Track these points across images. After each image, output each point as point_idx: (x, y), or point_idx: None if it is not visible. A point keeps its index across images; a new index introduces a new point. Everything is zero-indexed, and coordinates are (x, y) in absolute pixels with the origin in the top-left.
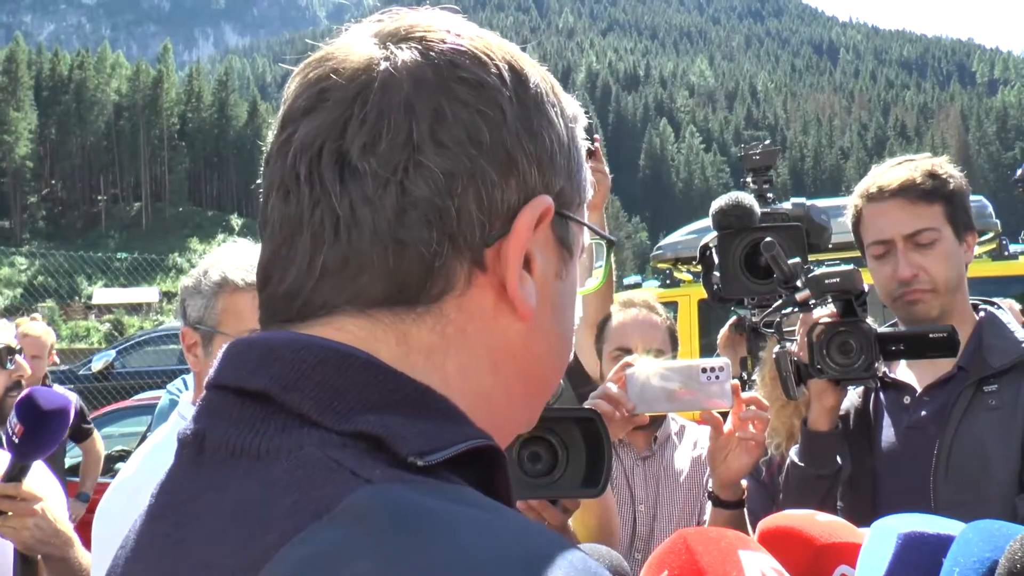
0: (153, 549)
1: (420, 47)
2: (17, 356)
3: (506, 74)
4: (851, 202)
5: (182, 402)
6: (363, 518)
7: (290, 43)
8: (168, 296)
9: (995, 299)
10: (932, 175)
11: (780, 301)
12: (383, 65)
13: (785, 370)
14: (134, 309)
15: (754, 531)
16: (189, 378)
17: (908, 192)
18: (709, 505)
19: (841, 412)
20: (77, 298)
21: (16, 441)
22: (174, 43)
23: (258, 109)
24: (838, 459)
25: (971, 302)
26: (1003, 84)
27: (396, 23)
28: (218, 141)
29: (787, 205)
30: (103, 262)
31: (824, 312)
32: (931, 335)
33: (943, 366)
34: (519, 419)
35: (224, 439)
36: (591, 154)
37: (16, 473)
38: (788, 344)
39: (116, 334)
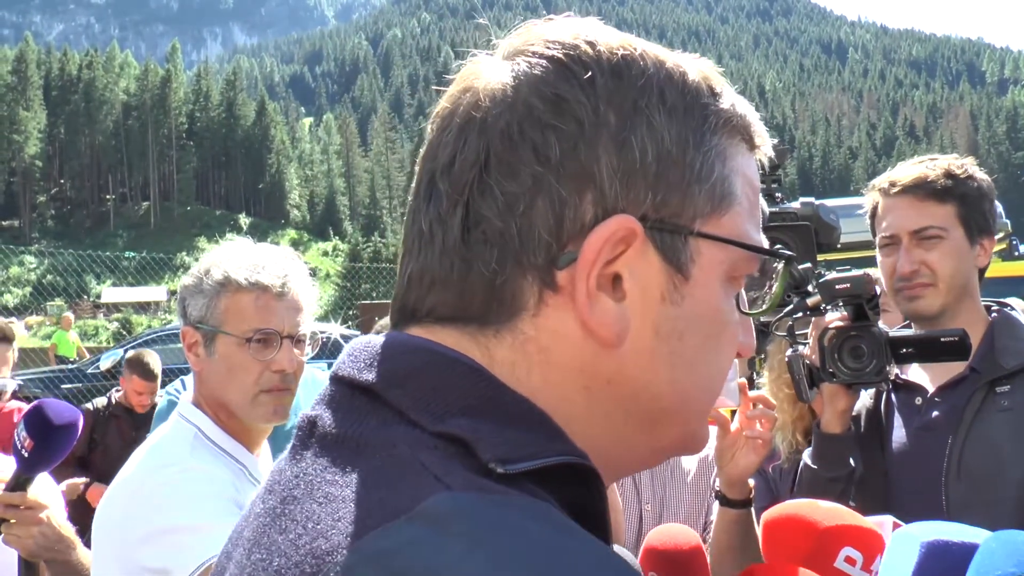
0: (261, 520)
1: (520, 62)
2: None
3: (599, 82)
4: (869, 195)
5: (181, 402)
6: (436, 521)
7: (298, 43)
8: (175, 295)
9: (1008, 299)
10: (949, 174)
11: (791, 306)
12: (475, 84)
13: (798, 373)
14: (142, 308)
15: (759, 523)
16: (188, 379)
17: (919, 189)
18: (716, 505)
19: (852, 413)
20: (86, 297)
21: (25, 455)
22: (182, 43)
23: (266, 109)
24: (851, 461)
25: (984, 303)
26: (1013, 83)
27: (522, 37)
28: (226, 140)
29: (796, 205)
30: (111, 261)
31: (835, 316)
32: (943, 339)
33: (955, 367)
34: (629, 450)
35: (331, 426)
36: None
37: (21, 483)
38: (800, 347)
39: (125, 332)
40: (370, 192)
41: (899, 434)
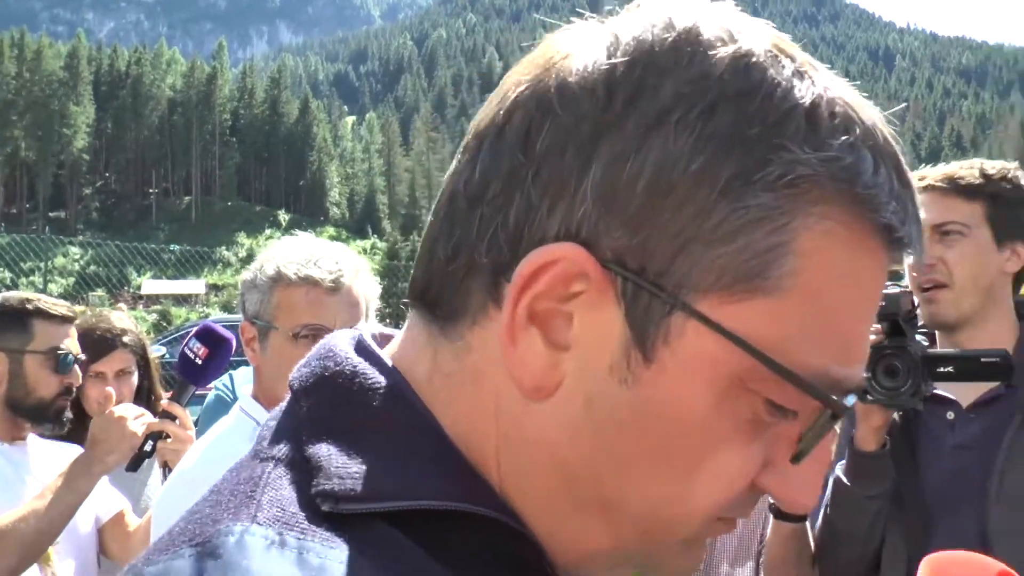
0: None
1: (592, 35)
2: (76, 365)
3: (634, 74)
4: None
5: (242, 396)
6: (201, 562)
7: (343, 42)
8: (214, 288)
9: None
10: (984, 174)
11: None
12: (543, 47)
13: None
14: (181, 300)
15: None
16: (236, 374)
17: (947, 185)
18: (771, 519)
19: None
20: (127, 288)
21: (199, 363)
22: (229, 41)
23: (309, 107)
24: (888, 478)
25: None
26: None
27: (634, 8)
28: (268, 137)
29: None
30: (153, 253)
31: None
32: (983, 359)
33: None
34: (560, 534)
35: (262, 426)
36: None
37: (180, 396)
38: None
39: (164, 323)
40: (410, 191)
41: (931, 450)
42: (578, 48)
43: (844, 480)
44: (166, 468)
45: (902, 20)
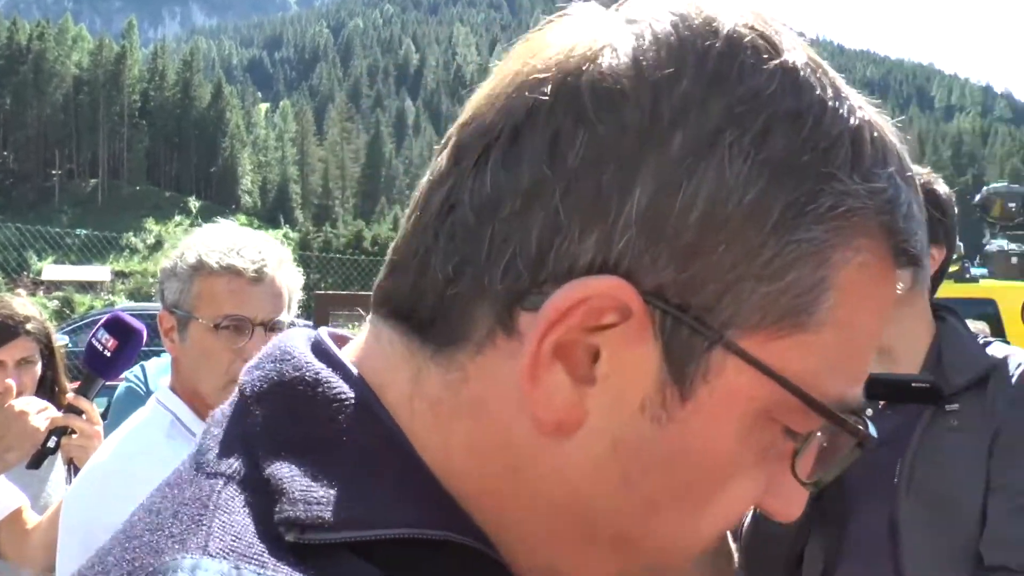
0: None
1: (620, 27)
2: None
3: (681, 86)
4: None
5: (160, 388)
6: None
7: (258, 27)
8: (121, 275)
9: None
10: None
11: None
12: (545, 37)
13: None
14: (85, 287)
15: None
16: (149, 365)
17: None
18: None
19: None
20: (26, 273)
21: (108, 355)
22: (139, 20)
23: (222, 92)
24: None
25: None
26: (959, 111)
27: None
28: (180, 121)
29: None
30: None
31: None
32: (913, 384)
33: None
34: (557, 565)
35: (203, 435)
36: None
37: (87, 389)
38: None
39: (67, 311)
40: (323, 182)
41: None
42: (608, 42)
43: None
44: (71, 465)
45: (811, 32)
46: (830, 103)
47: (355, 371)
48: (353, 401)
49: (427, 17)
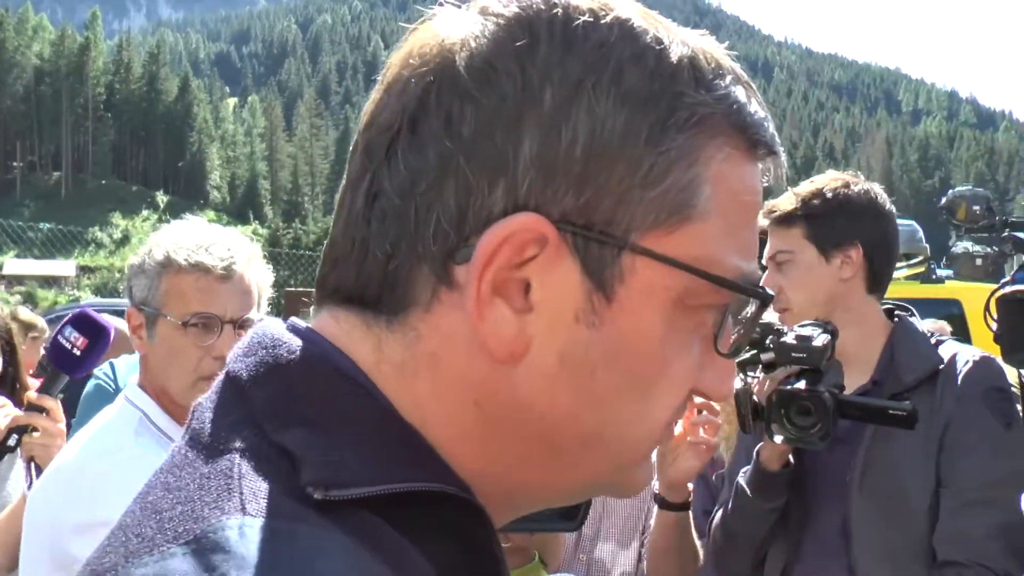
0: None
1: (475, 18)
2: None
3: (540, 52)
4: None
5: (129, 386)
6: (204, 556)
7: (225, 21)
8: (86, 270)
9: (927, 320)
10: (798, 197)
11: (747, 356)
12: (419, 36)
13: (744, 407)
14: (48, 282)
15: (696, 531)
16: (117, 362)
17: (767, 218)
18: (655, 507)
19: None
20: None
21: (77, 353)
22: (104, 11)
23: (189, 86)
24: (786, 493)
25: (886, 307)
26: (926, 115)
27: None
28: (146, 115)
29: None
30: (17, 231)
31: (786, 374)
32: (891, 411)
33: (860, 377)
34: (539, 479)
35: (198, 419)
36: None
37: (51, 387)
38: (750, 380)
39: (29, 306)
40: (292, 178)
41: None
42: (471, 31)
43: (747, 491)
44: (31, 463)
45: (780, 34)
46: (664, 40)
47: (339, 351)
48: (344, 377)
49: (395, 14)
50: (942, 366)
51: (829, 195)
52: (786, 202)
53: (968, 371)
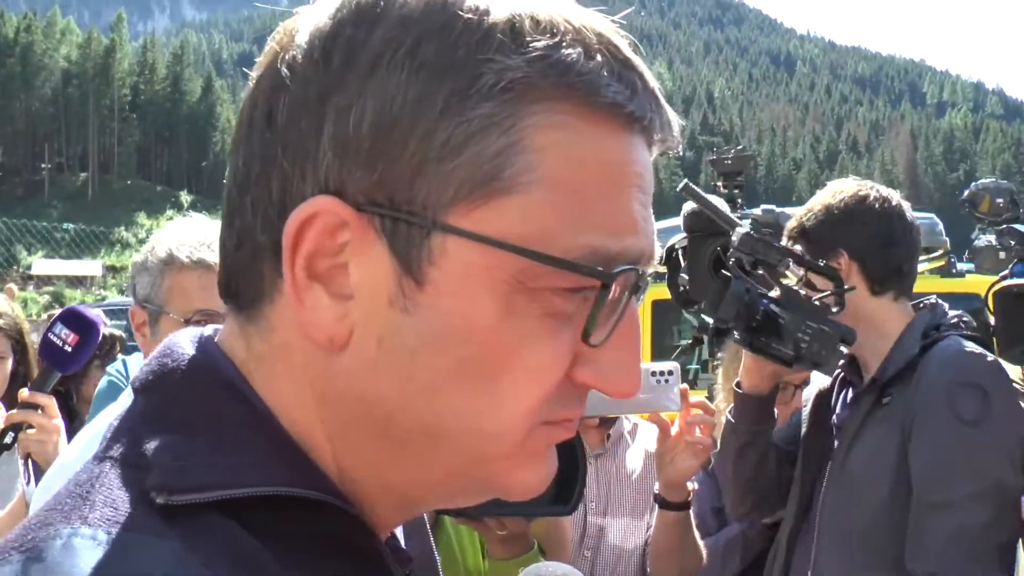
0: None
1: (310, 12)
2: None
3: (343, 36)
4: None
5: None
6: (24, 567)
7: (248, 21)
8: (112, 270)
9: None
10: (797, 217)
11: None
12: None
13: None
14: (76, 282)
15: (700, 531)
16: (131, 359)
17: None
18: (657, 508)
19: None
20: (15, 268)
21: (68, 350)
22: (128, 13)
23: (212, 86)
24: (773, 419)
25: (913, 304)
26: (951, 107)
27: None
28: (170, 115)
29: (757, 211)
30: (45, 232)
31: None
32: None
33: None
34: (399, 480)
35: (111, 424)
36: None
37: (44, 383)
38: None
39: (58, 305)
40: None
41: (839, 418)
42: (301, 24)
43: (731, 420)
44: (28, 460)
45: (803, 27)
46: (481, 7)
47: (222, 355)
48: (217, 382)
49: None
50: (919, 362)
51: (817, 209)
52: (790, 224)
53: (937, 365)
